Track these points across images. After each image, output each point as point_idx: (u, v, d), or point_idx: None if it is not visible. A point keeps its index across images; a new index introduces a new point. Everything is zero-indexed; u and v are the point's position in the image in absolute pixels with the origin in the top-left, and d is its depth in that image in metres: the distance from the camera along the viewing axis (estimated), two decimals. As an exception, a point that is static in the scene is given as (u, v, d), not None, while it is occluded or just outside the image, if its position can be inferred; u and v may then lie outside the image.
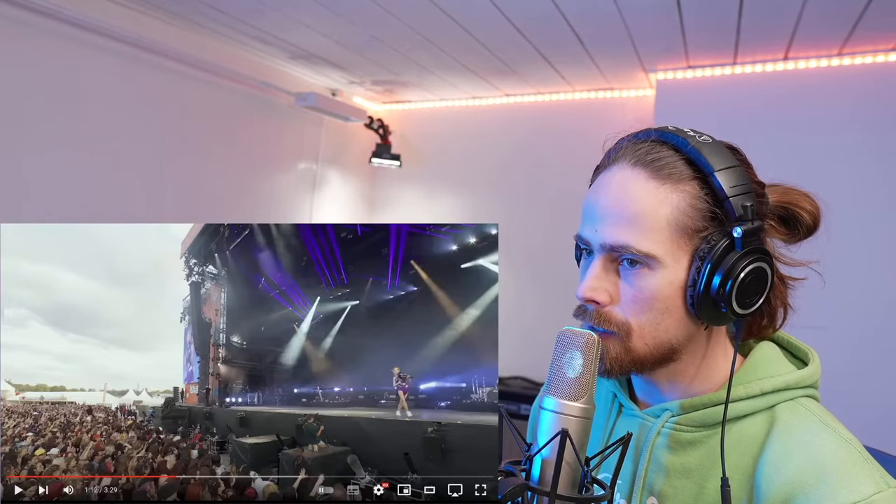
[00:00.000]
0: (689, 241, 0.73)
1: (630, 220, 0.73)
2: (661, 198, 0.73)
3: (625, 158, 0.77)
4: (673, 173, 0.73)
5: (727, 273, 0.71)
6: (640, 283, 0.74)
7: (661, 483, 0.80)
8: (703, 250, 0.72)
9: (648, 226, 0.72)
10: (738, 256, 0.71)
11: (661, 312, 0.74)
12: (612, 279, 0.76)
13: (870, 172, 2.55)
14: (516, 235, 3.41)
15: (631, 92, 3.30)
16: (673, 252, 0.73)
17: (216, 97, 3.03)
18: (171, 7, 2.54)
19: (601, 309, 0.76)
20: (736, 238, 0.71)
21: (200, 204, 3.01)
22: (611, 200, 0.76)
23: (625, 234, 0.73)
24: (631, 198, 0.74)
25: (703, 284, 0.72)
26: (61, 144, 2.39)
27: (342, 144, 3.81)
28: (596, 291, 0.76)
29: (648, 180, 0.74)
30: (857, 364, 2.41)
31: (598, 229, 0.76)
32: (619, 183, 0.76)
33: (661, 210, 0.72)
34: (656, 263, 0.73)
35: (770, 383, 0.77)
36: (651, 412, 0.83)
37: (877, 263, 2.51)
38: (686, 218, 0.73)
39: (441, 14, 2.40)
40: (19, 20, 2.21)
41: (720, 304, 0.72)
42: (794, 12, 2.22)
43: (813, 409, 0.76)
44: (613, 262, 0.76)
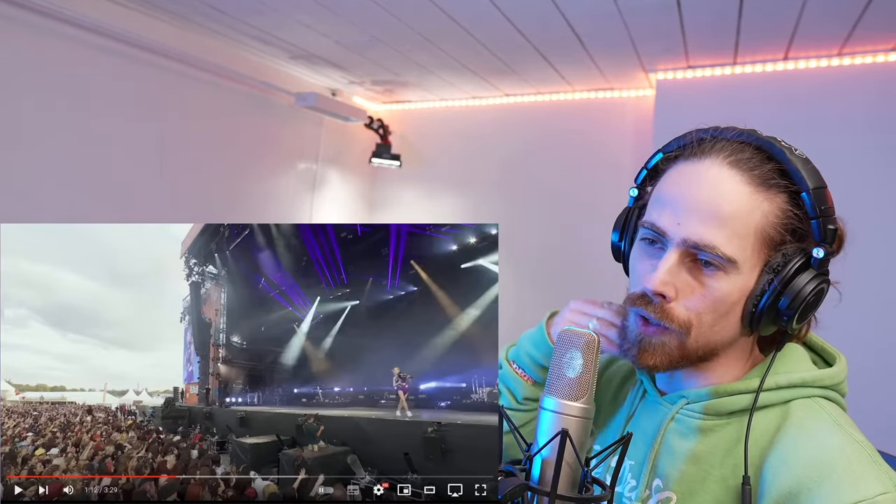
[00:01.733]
0: (767, 251, 0.73)
1: (721, 220, 0.71)
2: (755, 204, 0.72)
3: (719, 155, 0.74)
4: (768, 182, 0.72)
5: (799, 292, 0.71)
6: (713, 285, 0.73)
7: (669, 467, 0.81)
8: (777, 264, 0.72)
9: (737, 230, 0.71)
10: (812, 277, 0.72)
11: (722, 316, 0.74)
12: (682, 275, 0.75)
13: (870, 172, 2.55)
14: (516, 235, 3.41)
15: (631, 92, 3.30)
16: (751, 260, 0.73)
17: (216, 97, 3.03)
18: (171, 7, 2.54)
19: (665, 304, 0.75)
20: (815, 258, 0.72)
21: (200, 204, 3.01)
22: (704, 195, 0.73)
23: (713, 233, 0.71)
24: (725, 198, 0.72)
25: (770, 297, 0.72)
26: (61, 144, 2.39)
27: (342, 144, 3.81)
28: (667, 286, 0.74)
29: (744, 184, 0.72)
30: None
31: (681, 222, 0.73)
32: (713, 179, 0.73)
33: (752, 217, 0.72)
34: (734, 269, 0.72)
35: (786, 378, 0.77)
36: (669, 398, 0.85)
37: (877, 263, 2.51)
38: (772, 229, 0.72)
39: (441, 14, 2.40)
40: (19, 20, 2.21)
41: (782, 319, 0.73)
42: (794, 12, 2.22)
43: (828, 408, 0.76)
44: (688, 257, 0.74)
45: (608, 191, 3.05)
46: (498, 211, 3.65)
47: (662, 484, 0.81)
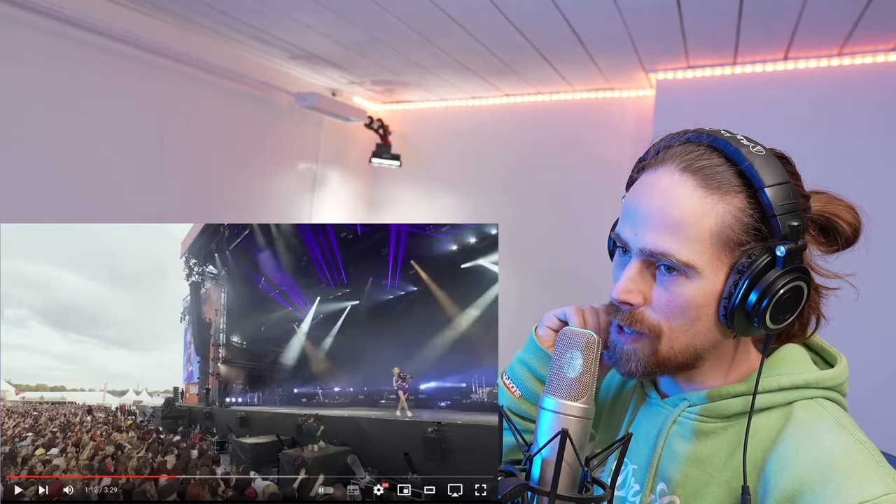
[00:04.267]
0: (729, 253, 0.73)
1: (673, 227, 0.72)
2: (707, 208, 0.72)
3: (673, 161, 0.75)
4: (722, 183, 0.72)
5: (765, 290, 0.71)
6: (676, 290, 0.74)
7: (672, 470, 0.81)
8: (742, 264, 0.72)
9: (690, 235, 0.72)
10: (779, 275, 0.71)
11: (692, 320, 0.75)
12: (647, 282, 0.76)
13: (870, 172, 2.55)
14: (516, 235, 3.41)
15: (631, 92, 3.30)
16: (712, 263, 0.73)
17: (216, 97, 3.03)
18: (171, 7, 2.54)
19: (634, 310, 0.76)
20: (779, 257, 0.71)
21: (200, 204, 3.01)
22: (654, 204, 0.74)
23: (666, 241, 0.72)
24: (676, 205, 0.73)
25: (739, 299, 0.72)
26: (61, 144, 2.39)
27: (342, 144, 3.81)
28: (630, 293, 0.76)
29: (696, 188, 0.72)
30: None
31: (637, 233, 0.75)
32: (665, 187, 0.74)
33: (705, 221, 0.72)
34: (694, 273, 0.72)
35: (788, 380, 0.77)
36: (671, 402, 0.85)
37: (876, 263, 2.51)
38: (729, 231, 0.72)
39: (441, 14, 2.40)
40: (19, 20, 2.21)
41: (753, 319, 0.72)
42: (794, 12, 2.22)
43: (831, 409, 0.76)
44: (650, 265, 0.76)
45: (608, 191, 3.05)
46: (498, 211, 3.65)
47: (666, 488, 0.81)
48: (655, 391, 0.89)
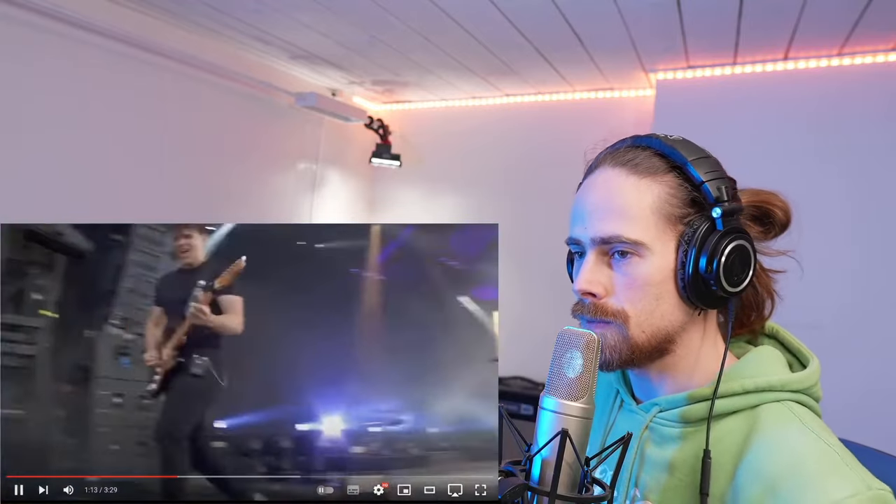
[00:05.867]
0: (673, 227, 0.77)
1: (617, 211, 0.78)
2: (643, 189, 0.78)
3: (605, 163, 0.83)
4: (651, 168, 0.79)
5: (711, 252, 0.74)
6: (632, 272, 0.77)
7: (645, 476, 0.81)
8: (687, 234, 0.77)
9: (634, 215, 0.77)
10: (720, 235, 0.75)
11: (655, 298, 0.77)
12: (605, 272, 0.79)
13: (871, 172, 2.55)
14: (516, 235, 3.40)
15: (631, 92, 3.30)
16: (660, 238, 0.77)
17: (216, 97, 3.03)
18: (171, 7, 2.54)
19: (597, 301, 0.79)
20: (716, 218, 0.75)
21: (200, 204, 3.01)
22: (596, 197, 0.81)
23: (613, 224, 0.77)
24: (615, 193, 0.79)
25: (692, 266, 0.75)
26: (61, 144, 2.39)
27: (342, 144, 3.81)
28: (592, 284, 0.79)
29: (629, 176, 0.79)
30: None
31: (587, 226, 0.80)
32: (602, 182, 0.81)
33: (644, 199, 0.77)
34: (645, 250, 0.76)
35: (752, 382, 0.77)
36: (644, 407, 0.85)
37: (878, 263, 2.51)
38: (668, 206, 0.77)
39: (441, 14, 2.40)
40: (19, 20, 2.21)
41: (710, 283, 0.75)
42: (794, 12, 2.22)
43: (798, 412, 0.75)
44: (605, 255, 0.80)
45: (608, 191, 3.05)
46: (498, 211, 3.65)
47: (640, 494, 0.81)
48: (631, 397, 0.90)
